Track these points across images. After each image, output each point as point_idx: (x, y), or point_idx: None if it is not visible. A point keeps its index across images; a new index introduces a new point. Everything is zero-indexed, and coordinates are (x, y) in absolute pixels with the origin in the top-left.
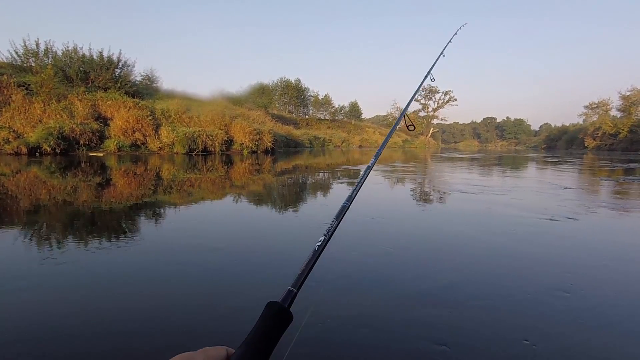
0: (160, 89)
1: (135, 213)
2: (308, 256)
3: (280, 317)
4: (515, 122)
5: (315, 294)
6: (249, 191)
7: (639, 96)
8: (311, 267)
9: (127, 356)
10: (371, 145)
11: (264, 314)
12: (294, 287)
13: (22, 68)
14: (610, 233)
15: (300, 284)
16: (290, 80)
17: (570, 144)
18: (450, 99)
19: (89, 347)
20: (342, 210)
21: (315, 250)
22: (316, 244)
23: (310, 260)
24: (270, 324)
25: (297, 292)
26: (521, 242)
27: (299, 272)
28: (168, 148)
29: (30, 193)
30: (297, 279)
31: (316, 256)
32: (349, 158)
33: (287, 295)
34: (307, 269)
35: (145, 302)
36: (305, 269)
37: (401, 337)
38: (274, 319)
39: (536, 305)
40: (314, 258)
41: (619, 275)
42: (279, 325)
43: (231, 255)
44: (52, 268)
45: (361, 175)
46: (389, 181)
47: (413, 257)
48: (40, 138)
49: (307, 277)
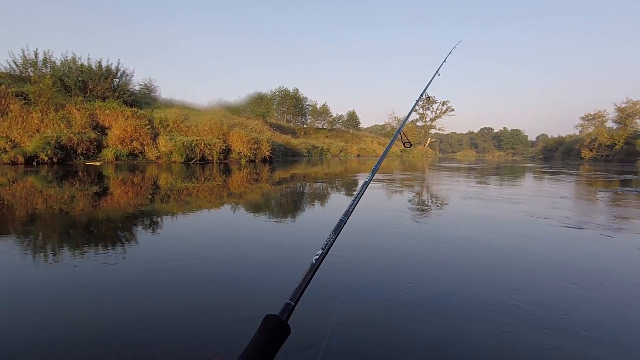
0: (158, 98)
1: (131, 222)
2: (306, 269)
3: (278, 330)
4: (512, 133)
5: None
6: (246, 200)
7: (634, 108)
8: (309, 280)
9: None
10: (369, 154)
11: (261, 327)
12: (291, 300)
13: (21, 78)
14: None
15: (299, 297)
16: (289, 90)
17: (566, 154)
18: (448, 109)
19: (83, 357)
20: (340, 224)
21: (313, 264)
22: (314, 258)
23: (308, 274)
24: (268, 337)
25: (295, 305)
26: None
27: (297, 285)
28: (166, 157)
29: (26, 202)
30: (295, 292)
31: (314, 269)
32: (347, 167)
33: (285, 308)
34: (305, 282)
35: (140, 312)
36: (303, 282)
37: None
38: (272, 332)
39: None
40: (311, 271)
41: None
42: (276, 338)
43: (228, 265)
44: (44, 278)
45: (358, 190)
46: (400, 194)
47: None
48: (37, 147)
49: (305, 290)
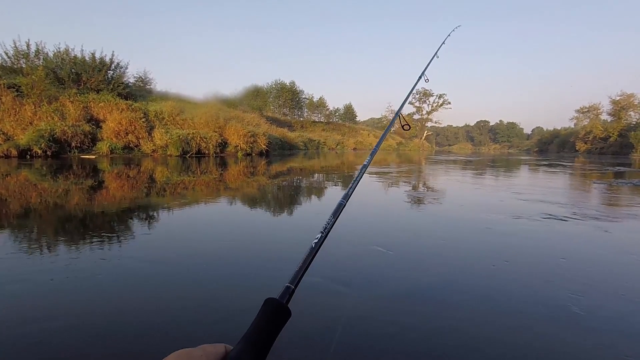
0: (153, 90)
1: (127, 216)
2: (305, 253)
3: (278, 314)
4: (508, 126)
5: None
6: (243, 193)
7: (628, 101)
8: (309, 264)
9: (123, 357)
10: (366, 147)
11: (262, 310)
12: (291, 284)
13: (13, 69)
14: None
15: (298, 281)
16: (285, 83)
17: (561, 147)
18: (444, 102)
19: (86, 349)
20: (339, 207)
21: (313, 247)
22: (313, 241)
23: (307, 257)
24: (269, 320)
25: (295, 289)
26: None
27: (297, 269)
28: (161, 150)
29: (20, 196)
30: (294, 275)
31: (313, 253)
32: (343, 161)
33: (284, 292)
34: (305, 265)
35: (140, 304)
36: (303, 266)
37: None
38: (272, 315)
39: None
40: (311, 255)
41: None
42: (277, 322)
43: (227, 255)
44: (40, 272)
45: (357, 173)
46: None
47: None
48: (30, 140)
49: (305, 273)
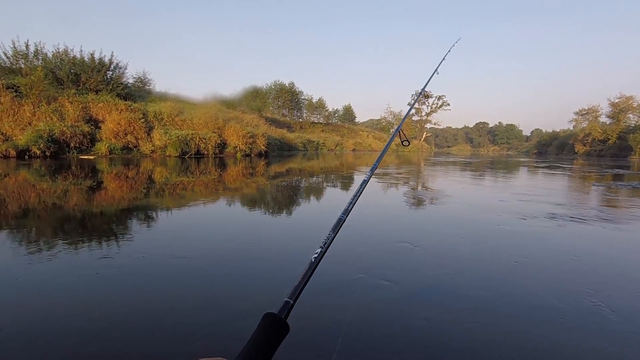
0: (152, 91)
1: (126, 217)
2: (305, 268)
3: (277, 329)
4: (507, 127)
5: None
6: (242, 195)
7: (627, 103)
8: (308, 279)
9: (123, 357)
10: (365, 149)
11: (260, 325)
12: (290, 299)
13: (11, 70)
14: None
15: (297, 295)
16: (284, 84)
17: (560, 149)
18: (444, 103)
19: (84, 350)
20: (338, 223)
21: (312, 262)
22: (313, 256)
23: (307, 272)
24: (267, 336)
25: (294, 303)
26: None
27: (296, 284)
28: (160, 151)
29: (18, 196)
30: (294, 290)
31: (313, 268)
32: (342, 162)
33: (283, 307)
34: (304, 280)
35: (138, 308)
36: (302, 281)
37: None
38: (270, 329)
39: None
40: (310, 270)
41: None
42: (275, 337)
43: (226, 255)
44: (38, 272)
45: (357, 189)
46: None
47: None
48: (29, 141)
49: (304, 288)
